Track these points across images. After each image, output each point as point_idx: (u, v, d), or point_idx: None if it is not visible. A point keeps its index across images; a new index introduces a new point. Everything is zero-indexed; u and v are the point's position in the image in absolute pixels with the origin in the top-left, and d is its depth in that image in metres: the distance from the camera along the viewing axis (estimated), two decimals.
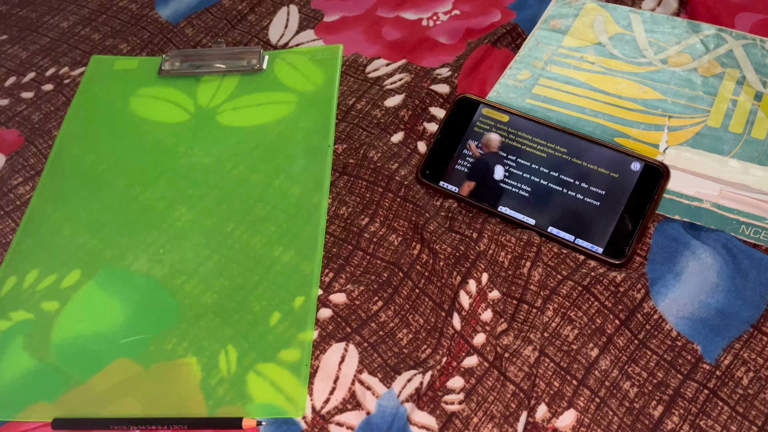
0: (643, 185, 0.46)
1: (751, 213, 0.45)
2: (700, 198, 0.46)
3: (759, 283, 0.43)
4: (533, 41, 0.58)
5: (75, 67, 0.64)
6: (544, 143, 0.49)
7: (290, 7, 0.67)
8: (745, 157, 0.48)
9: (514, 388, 0.40)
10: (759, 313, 0.42)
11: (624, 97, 0.53)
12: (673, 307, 0.43)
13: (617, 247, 0.45)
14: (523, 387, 0.40)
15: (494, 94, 0.54)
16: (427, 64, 0.59)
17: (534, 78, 0.55)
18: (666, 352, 0.42)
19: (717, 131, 0.49)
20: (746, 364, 0.41)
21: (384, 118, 0.55)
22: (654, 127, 0.50)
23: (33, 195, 0.54)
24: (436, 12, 0.64)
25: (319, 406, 0.41)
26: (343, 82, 0.59)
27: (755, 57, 0.54)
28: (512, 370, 0.41)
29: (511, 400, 0.40)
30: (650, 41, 0.56)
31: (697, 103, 0.51)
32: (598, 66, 0.55)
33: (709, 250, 0.45)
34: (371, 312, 0.45)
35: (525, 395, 0.40)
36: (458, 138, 0.51)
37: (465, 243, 0.46)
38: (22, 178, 0.56)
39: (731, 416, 0.39)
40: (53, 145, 0.57)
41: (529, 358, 0.41)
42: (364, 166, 0.52)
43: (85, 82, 0.61)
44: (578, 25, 0.58)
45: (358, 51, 0.62)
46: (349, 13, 0.65)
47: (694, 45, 0.55)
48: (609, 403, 0.40)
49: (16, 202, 0.54)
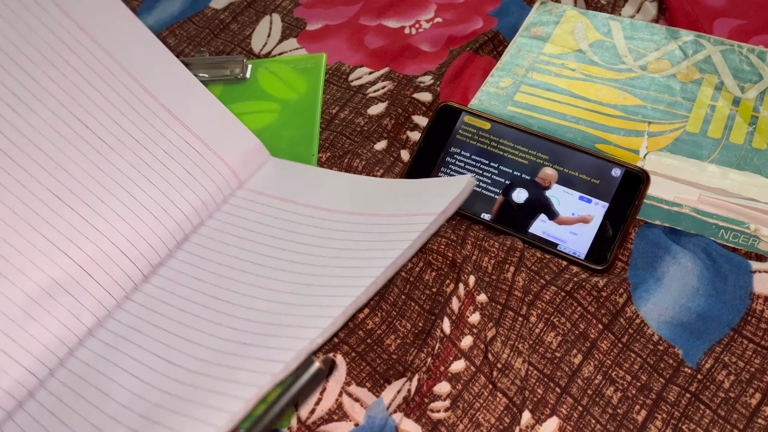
0: (624, 191, 0.46)
1: (730, 217, 0.46)
2: (679, 203, 0.47)
3: (738, 287, 0.44)
4: (515, 48, 0.58)
5: None
6: (526, 150, 0.49)
7: (273, 16, 0.67)
8: (724, 162, 0.48)
9: (507, 401, 0.41)
10: (739, 316, 0.43)
11: (604, 103, 0.53)
12: (655, 311, 0.44)
13: (599, 253, 0.45)
14: (516, 401, 0.41)
15: (476, 102, 0.55)
16: (409, 72, 0.59)
17: (515, 85, 0.55)
18: (648, 356, 0.42)
19: (696, 137, 0.50)
20: (727, 368, 0.41)
21: (367, 126, 0.56)
22: (634, 133, 0.51)
23: None
24: (419, 20, 0.64)
25: (305, 417, 0.41)
26: (327, 91, 0.59)
27: (733, 62, 0.54)
28: (504, 382, 0.41)
29: (505, 414, 0.40)
30: (630, 48, 0.57)
31: (676, 108, 0.52)
32: (579, 73, 0.55)
33: (690, 255, 0.45)
34: (358, 320, 0.45)
35: (518, 409, 0.40)
36: (441, 146, 0.51)
37: (452, 248, 0.46)
38: None
39: (713, 420, 0.39)
40: None
41: (520, 371, 0.41)
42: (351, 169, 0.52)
43: None
44: (559, 32, 0.59)
45: (340, 59, 0.62)
46: (331, 21, 0.66)
47: (672, 51, 0.56)
48: (592, 411, 0.40)
49: None
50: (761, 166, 0.48)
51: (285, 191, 0.47)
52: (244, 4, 0.68)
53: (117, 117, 0.44)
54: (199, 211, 0.45)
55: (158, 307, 0.42)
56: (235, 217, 0.46)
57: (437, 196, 0.41)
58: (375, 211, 0.44)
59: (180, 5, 0.69)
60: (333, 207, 0.45)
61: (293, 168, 0.50)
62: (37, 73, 0.42)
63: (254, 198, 0.47)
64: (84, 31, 0.44)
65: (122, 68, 0.45)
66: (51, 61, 0.43)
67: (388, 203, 0.44)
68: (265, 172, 0.49)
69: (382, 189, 0.46)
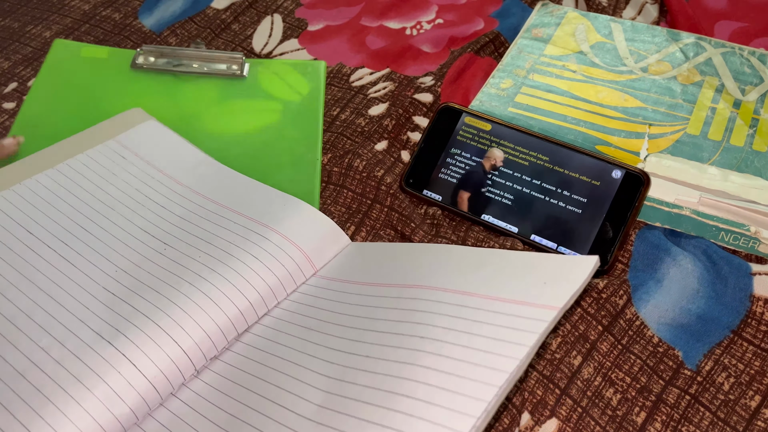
0: (624, 193, 0.46)
1: (730, 220, 0.46)
2: (680, 205, 0.47)
3: (739, 289, 0.44)
4: (516, 50, 0.58)
5: None
6: (527, 152, 0.49)
7: (274, 16, 0.67)
8: (724, 164, 0.48)
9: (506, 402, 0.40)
10: (739, 318, 0.43)
11: (605, 105, 0.53)
12: (655, 313, 0.44)
13: (599, 254, 0.45)
14: (515, 402, 0.41)
15: (477, 103, 0.55)
16: (410, 73, 0.60)
17: (516, 86, 0.55)
18: (648, 357, 0.42)
19: (696, 139, 0.50)
20: (727, 370, 0.41)
21: (368, 127, 0.56)
22: (635, 135, 0.51)
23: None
24: (420, 21, 0.64)
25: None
26: (328, 92, 0.59)
27: (734, 65, 0.54)
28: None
29: (504, 415, 0.40)
30: (631, 50, 0.57)
31: (677, 111, 0.52)
32: (580, 74, 0.56)
33: (690, 257, 0.45)
34: None
35: (517, 410, 0.40)
36: (441, 147, 0.51)
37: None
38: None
39: (713, 422, 0.39)
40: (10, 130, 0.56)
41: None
42: (349, 176, 0.52)
43: (47, 68, 0.60)
44: (560, 33, 0.59)
45: (342, 60, 0.62)
46: (333, 22, 0.66)
47: (673, 53, 0.56)
48: (591, 412, 0.40)
49: None
50: (762, 168, 0.48)
51: (385, 275, 0.43)
52: (245, 4, 0.68)
53: (206, 227, 0.46)
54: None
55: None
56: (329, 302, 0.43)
57: (559, 278, 0.37)
58: (492, 293, 0.38)
59: (181, 5, 0.69)
60: (445, 285, 0.39)
61: (383, 249, 0.46)
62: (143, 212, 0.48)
63: (347, 289, 0.43)
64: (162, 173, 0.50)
65: (195, 192, 0.49)
66: (134, 198, 0.48)
67: (503, 282, 0.38)
68: (349, 258, 0.46)
69: (493, 261, 0.40)
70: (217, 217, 0.46)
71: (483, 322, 0.36)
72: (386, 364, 0.36)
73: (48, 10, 0.71)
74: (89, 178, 0.49)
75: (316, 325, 0.41)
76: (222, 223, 0.46)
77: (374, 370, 0.36)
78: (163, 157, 0.51)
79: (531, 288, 0.37)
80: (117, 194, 0.48)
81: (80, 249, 0.44)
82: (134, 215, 0.47)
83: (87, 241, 0.45)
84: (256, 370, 0.39)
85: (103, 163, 0.50)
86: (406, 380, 0.34)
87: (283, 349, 0.40)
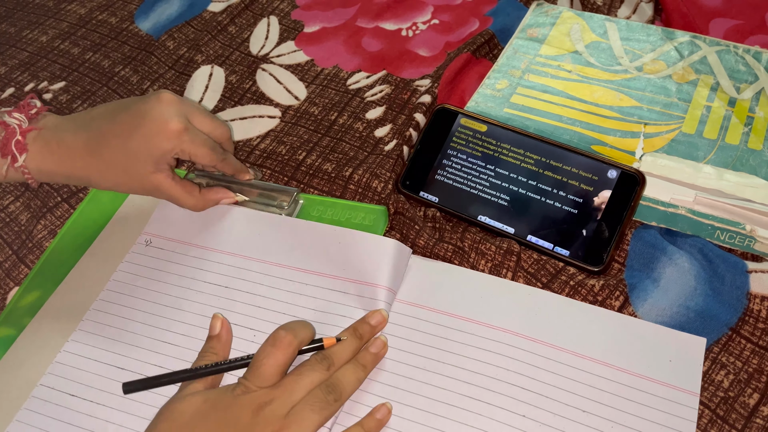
0: (620, 192, 0.47)
1: (725, 218, 0.46)
2: (675, 204, 0.47)
3: (735, 287, 0.44)
4: (511, 50, 0.59)
5: (54, 82, 0.64)
6: (522, 152, 0.50)
7: (270, 18, 0.67)
8: (719, 162, 0.48)
9: None
10: (737, 316, 0.43)
11: (601, 104, 0.53)
12: (653, 312, 0.44)
13: (595, 255, 0.45)
14: None
15: (473, 104, 0.55)
16: (407, 75, 0.60)
17: (512, 87, 0.56)
18: None
19: (692, 137, 0.50)
20: (725, 368, 0.41)
21: (366, 131, 0.56)
22: (630, 135, 0.51)
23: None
24: (415, 22, 0.64)
25: None
26: (325, 95, 0.59)
27: (729, 63, 0.55)
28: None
29: None
30: (626, 49, 0.57)
31: (672, 109, 0.52)
32: (575, 74, 0.56)
33: (686, 256, 0.45)
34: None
35: None
36: (437, 148, 0.51)
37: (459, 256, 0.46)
38: (12, 197, 0.56)
39: (712, 419, 0.40)
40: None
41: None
42: (352, 182, 0.52)
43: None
44: (555, 33, 0.59)
45: (338, 62, 0.62)
46: (329, 23, 0.66)
47: (668, 52, 0.56)
48: None
49: (5, 219, 0.54)
50: (757, 166, 0.48)
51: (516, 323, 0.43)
52: (241, 6, 0.68)
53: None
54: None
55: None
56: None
57: (678, 357, 0.41)
58: (633, 368, 0.41)
59: (178, 8, 0.69)
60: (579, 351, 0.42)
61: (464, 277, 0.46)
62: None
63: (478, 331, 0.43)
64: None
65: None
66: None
67: (632, 355, 0.41)
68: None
69: (615, 329, 0.43)
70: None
71: (637, 402, 0.40)
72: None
73: (44, 15, 0.71)
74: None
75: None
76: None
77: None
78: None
79: (661, 365, 0.41)
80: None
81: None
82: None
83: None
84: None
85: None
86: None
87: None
